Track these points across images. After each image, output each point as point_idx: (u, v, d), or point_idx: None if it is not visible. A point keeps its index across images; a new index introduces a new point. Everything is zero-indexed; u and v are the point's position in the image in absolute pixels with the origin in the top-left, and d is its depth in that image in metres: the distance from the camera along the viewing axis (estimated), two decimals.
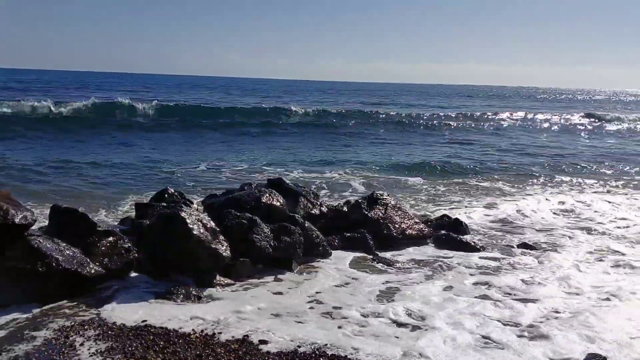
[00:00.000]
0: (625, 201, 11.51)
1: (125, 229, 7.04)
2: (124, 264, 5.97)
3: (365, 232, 7.58)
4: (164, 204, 7.46)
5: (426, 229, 8.20)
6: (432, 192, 12.01)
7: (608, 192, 12.77)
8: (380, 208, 8.18)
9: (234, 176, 13.14)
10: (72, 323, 4.73)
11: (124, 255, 6.02)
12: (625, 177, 15.10)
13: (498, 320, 5.17)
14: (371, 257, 7.12)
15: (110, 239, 6.12)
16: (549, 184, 13.56)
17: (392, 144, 22.01)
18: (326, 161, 16.19)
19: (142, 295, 5.57)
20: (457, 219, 8.66)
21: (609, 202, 11.24)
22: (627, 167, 17.03)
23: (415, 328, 4.95)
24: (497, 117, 36.51)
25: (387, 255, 7.28)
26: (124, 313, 5.01)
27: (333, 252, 7.13)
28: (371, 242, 7.46)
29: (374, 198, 8.36)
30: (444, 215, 9.06)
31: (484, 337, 4.79)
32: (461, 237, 7.91)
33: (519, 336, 4.83)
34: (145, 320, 4.84)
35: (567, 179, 14.38)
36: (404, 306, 5.42)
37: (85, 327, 4.66)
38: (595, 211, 10.46)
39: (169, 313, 5.05)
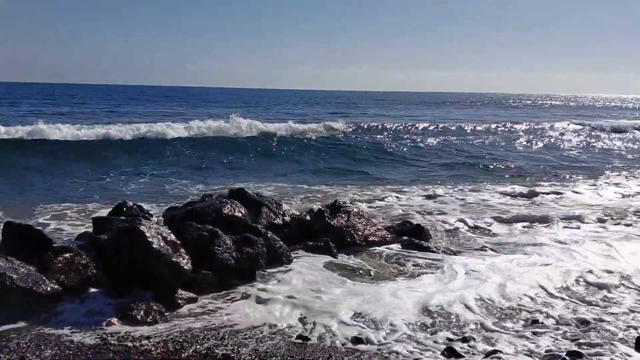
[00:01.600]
0: None
1: (82, 244, 6.86)
2: (81, 281, 5.80)
3: (329, 240, 7.58)
4: (123, 218, 7.31)
5: (389, 236, 8.26)
6: None
7: None
8: (343, 216, 8.20)
9: None
10: (28, 343, 4.57)
11: (81, 271, 5.87)
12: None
13: None
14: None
15: (67, 255, 5.95)
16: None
17: None
18: None
19: (100, 313, 5.43)
20: (418, 225, 8.76)
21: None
22: None
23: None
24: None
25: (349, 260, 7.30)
26: (82, 331, 4.87)
27: (296, 258, 7.07)
28: (335, 250, 7.46)
29: (336, 206, 8.38)
30: (406, 221, 9.15)
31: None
32: (422, 242, 8.00)
33: None
34: (105, 338, 4.72)
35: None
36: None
37: (42, 347, 4.51)
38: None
39: (129, 330, 4.93)
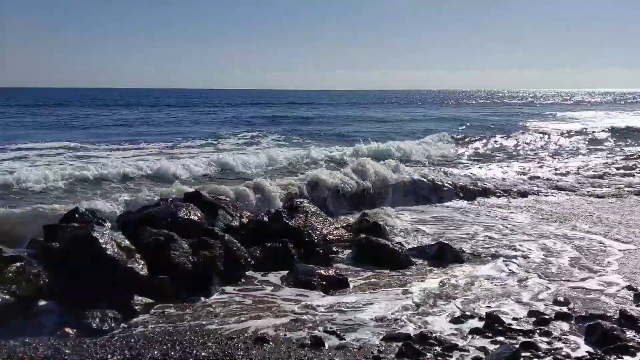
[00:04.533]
0: None
1: (33, 252, 6.68)
2: (33, 291, 5.67)
3: (287, 241, 7.60)
4: (75, 225, 7.14)
5: (347, 234, 8.35)
6: None
7: None
8: (301, 216, 8.25)
9: None
10: None
11: (32, 281, 5.73)
12: None
13: None
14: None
15: (18, 264, 5.81)
16: None
17: None
18: None
19: (54, 322, 5.33)
20: (375, 222, 8.87)
21: None
22: None
23: None
24: None
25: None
26: (35, 342, 4.76)
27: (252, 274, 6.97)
28: (293, 251, 7.48)
29: (294, 206, 8.42)
30: (363, 219, 9.26)
31: None
32: (379, 239, 8.10)
33: None
34: (59, 348, 4.63)
35: None
36: None
37: None
38: None
39: (84, 338, 4.86)
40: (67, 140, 20.34)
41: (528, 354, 4.59)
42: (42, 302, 5.73)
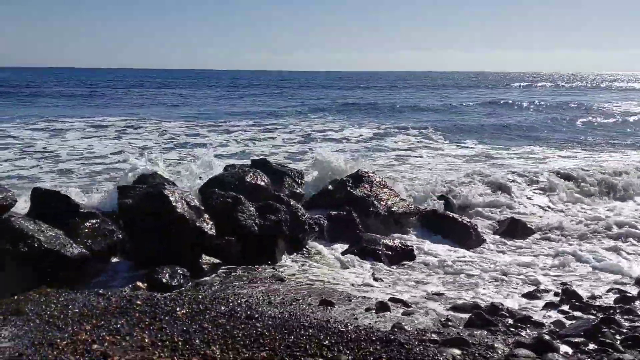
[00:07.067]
0: None
1: (108, 211, 6.91)
2: (107, 246, 5.87)
3: (352, 209, 7.50)
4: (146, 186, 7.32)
5: (412, 206, 8.18)
6: None
7: None
8: (366, 186, 8.14)
9: None
10: (56, 304, 4.62)
11: (107, 236, 5.93)
12: None
13: None
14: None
15: (94, 220, 6.03)
16: None
17: None
18: None
19: (126, 277, 5.52)
20: (442, 196, 8.66)
21: None
22: None
23: None
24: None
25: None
26: (109, 293, 4.92)
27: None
28: (357, 220, 7.38)
29: (359, 175, 8.31)
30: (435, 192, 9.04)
31: None
32: (448, 212, 7.91)
33: None
34: (131, 300, 4.76)
35: None
36: None
37: (69, 306, 4.56)
38: None
39: (155, 292, 4.98)
40: None
41: (609, 330, 4.31)
42: (115, 259, 5.95)
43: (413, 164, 13.31)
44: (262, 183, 7.18)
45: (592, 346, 3.94)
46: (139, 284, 5.27)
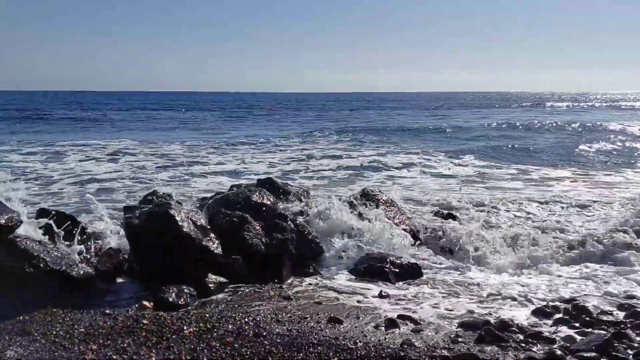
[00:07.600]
0: None
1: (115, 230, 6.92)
2: (113, 266, 5.86)
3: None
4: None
5: (419, 225, 8.14)
6: None
7: None
8: (372, 204, 8.11)
9: None
10: (61, 324, 4.59)
11: (112, 256, 5.92)
12: None
13: None
14: None
15: (99, 240, 6.03)
16: None
17: None
18: None
19: (132, 296, 5.49)
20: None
21: None
22: None
23: None
24: None
25: None
26: (115, 313, 4.89)
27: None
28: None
29: (365, 194, 8.30)
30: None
31: None
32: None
33: None
34: (137, 319, 4.73)
35: None
36: None
37: (75, 326, 4.53)
38: None
39: (161, 311, 4.95)
40: None
41: (621, 344, 4.25)
42: (121, 276, 5.93)
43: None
44: (269, 202, 7.18)
45: None
46: (145, 303, 5.24)
